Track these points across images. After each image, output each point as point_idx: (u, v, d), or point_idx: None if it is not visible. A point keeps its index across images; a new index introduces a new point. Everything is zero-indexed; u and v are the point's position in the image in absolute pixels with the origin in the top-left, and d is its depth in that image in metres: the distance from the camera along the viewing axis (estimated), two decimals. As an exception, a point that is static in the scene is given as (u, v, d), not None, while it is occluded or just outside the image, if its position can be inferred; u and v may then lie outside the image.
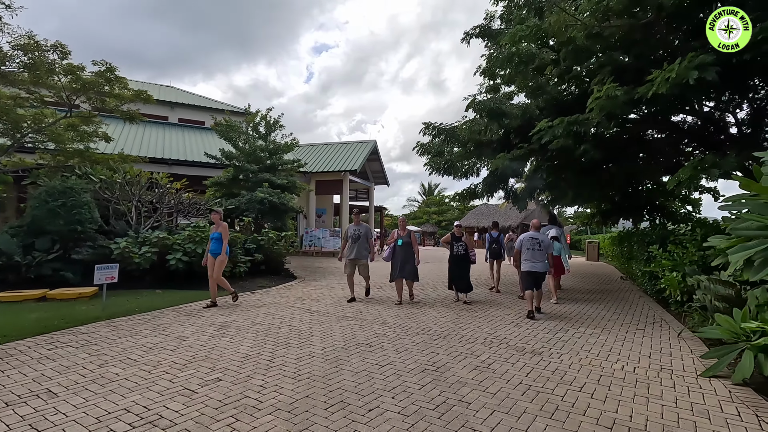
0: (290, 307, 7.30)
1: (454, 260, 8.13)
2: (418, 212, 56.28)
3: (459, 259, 8.08)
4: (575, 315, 6.93)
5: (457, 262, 8.08)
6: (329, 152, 22.42)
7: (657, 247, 7.47)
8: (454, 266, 8.16)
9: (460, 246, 8.07)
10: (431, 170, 10.49)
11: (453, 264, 8.17)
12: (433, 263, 17.71)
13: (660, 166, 11.53)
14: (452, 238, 8.19)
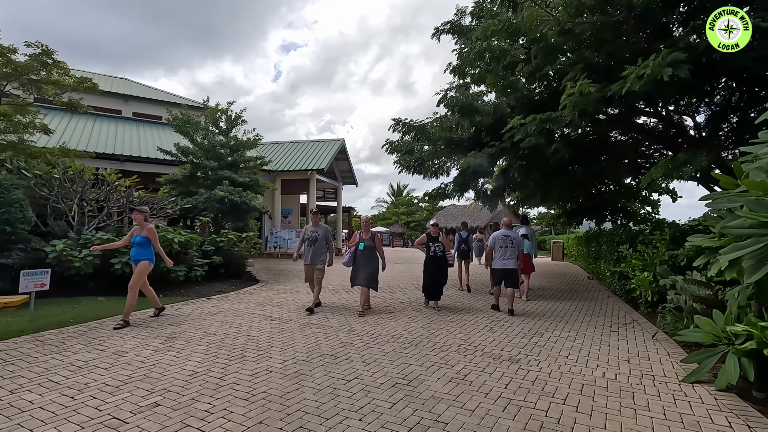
0: (250, 314, 6.73)
1: (430, 263, 7.38)
2: (386, 213, 56.06)
3: (436, 262, 7.34)
4: (549, 317, 6.75)
5: (434, 265, 7.35)
6: (296, 151, 21.71)
7: (627, 247, 7.42)
8: (430, 269, 7.38)
9: (437, 247, 7.35)
10: (401, 168, 10.15)
11: (429, 267, 7.39)
12: (403, 264, 17.43)
13: (623, 168, 11.73)
14: (428, 238, 7.47)
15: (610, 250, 8.38)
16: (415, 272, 13.71)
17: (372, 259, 6.96)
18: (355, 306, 7.43)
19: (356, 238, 7.14)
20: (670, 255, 6.61)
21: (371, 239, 7.01)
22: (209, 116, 12.42)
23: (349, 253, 7.17)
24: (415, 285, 10.46)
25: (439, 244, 7.36)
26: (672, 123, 10.11)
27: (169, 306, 7.15)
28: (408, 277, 12.25)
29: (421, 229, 48.64)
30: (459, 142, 9.91)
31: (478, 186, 11.02)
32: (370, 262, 6.90)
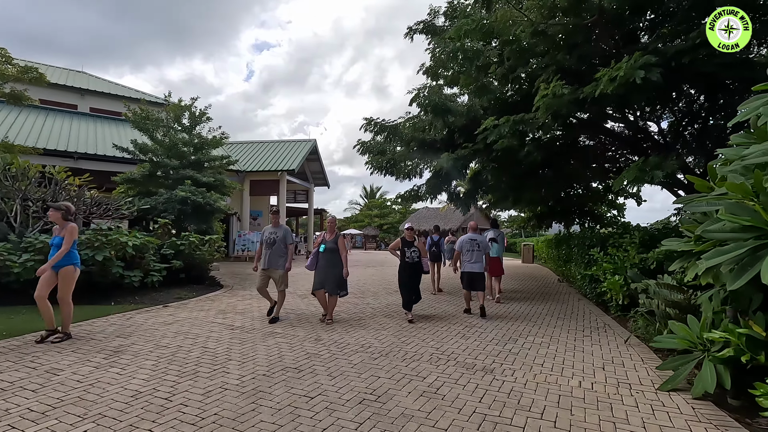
0: (209, 322, 6.28)
1: (406, 270, 6.77)
2: (359, 215, 55.71)
3: (412, 269, 6.77)
4: (522, 321, 6.62)
5: (409, 272, 6.76)
6: (265, 150, 21.09)
7: (598, 250, 7.42)
8: (405, 277, 6.77)
9: (413, 252, 6.77)
10: (372, 169, 9.89)
11: (405, 274, 6.77)
12: (375, 268, 17.14)
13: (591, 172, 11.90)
14: (403, 243, 6.86)
15: (581, 253, 8.39)
16: (388, 276, 13.47)
17: (336, 262, 6.33)
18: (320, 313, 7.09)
19: (319, 240, 6.51)
20: (640, 258, 6.62)
21: (334, 241, 6.37)
22: (171, 112, 11.77)
23: (311, 255, 6.52)
24: (387, 289, 10.20)
25: (415, 249, 6.81)
26: (638, 128, 10.31)
27: (119, 315, 6.59)
28: (380, 281, 11.98)
29: (394, 232, 48.56)
30: (432, 144, 9.74)
31: (451, 188, 10.89)
32: (333, 266, 6.28)
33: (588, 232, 10.49)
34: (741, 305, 3.65)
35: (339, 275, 6.30)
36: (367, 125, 9.35)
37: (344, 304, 8.04)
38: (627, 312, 6.82)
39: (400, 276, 6.86)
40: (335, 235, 6.43)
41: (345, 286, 6.47)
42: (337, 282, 6.30)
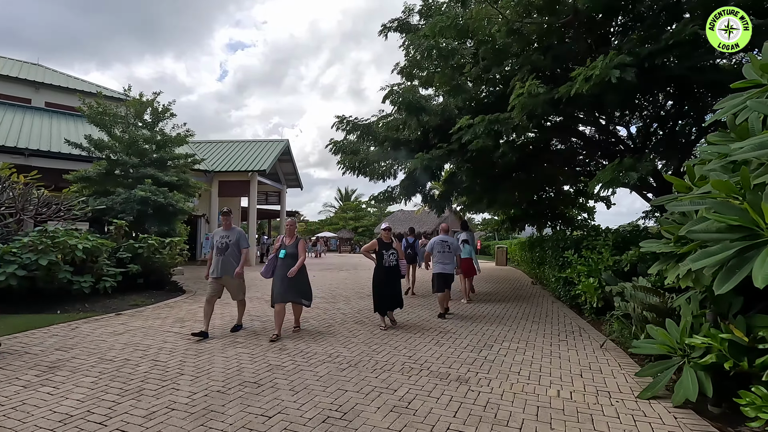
0: (164, 332, 5.80)
1: (382, 274, 6.21)
2: (334, 218, 55.14)
3: (389, 273, 6.21)
4: (496, 324, 6.44)
5: (387, 277, 6.20)
6: (236, 150, 20.40)
7: (572, 252, 7.35)
8: (382, 282, 6.20)
9: (391, 255, 6.22)
10: (345, 169, 9.57)
11: (381, 279, 6.21)
12: (348, 271, 16.77)
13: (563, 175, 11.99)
14: (379, 245, 6.30)
15: (555, 255, 8.33)
16: (361, 279, 13.14)
17: (299, 270, 5.71)
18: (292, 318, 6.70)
19: (277, 245, 5.87)
20: (614, 261, 6.56)
21: (295, 246, 5.75)
22: (132, 108, 11.09)
23: (268, 261, 5.85)
24: (359, 293, 9.88)
25: (393, 252, 6.26)
26: (609, 132, 10.41)
27: (64, 325, 6.02)
28: (352, 285, 11.63)
29: (369, 235, 48.24)
30: (406, 143, 9.52)
31: (425, 190, 10.69)
32: (296, 274, 5.64)
33: (561, 234, 10.50)
34: (720, 308, 3.54)
35: (302, 282, 5.78)
36: (339, 123, 9.03)
37: (313, 310, 7.67)
38: (601, 315, 6.75)
39: (376, 280, 6.30)
40: (295, 240, 5.83)
41: (309, 295, 5.90)
42: (301, 290, 5.76)
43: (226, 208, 6.08)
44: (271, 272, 5.75)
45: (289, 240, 5.83)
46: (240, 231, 5.99)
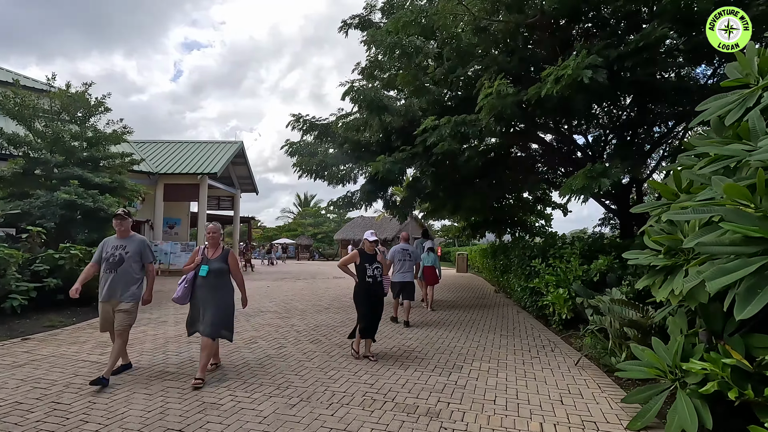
0: (78, 361, 4.86)
1: (366, 292, 5.09)
2: (292, 224, 53.69)
3: (374, 292, 5.13)
4: (463, 339, 5.97)
5: (370, 297, 5.10)
6: (184, 152, 19.03)
7: (540, 261, 7.06)
8: (367, 302, 5.09)
9: (376, 269, 5.15)
10: (301, 172, 8.88)
11: (365, 298, 5.10)
12: (305, 281, 15.91)
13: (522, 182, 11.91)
14: (362, 257, 5.19)
15: (521, 264, 8.05)
16: (318, 290, 12.39)
17: (222, 290, 4.38)
18: (247, 336, 5.92)
19: (196, 258, 4.41)
20: (582, 270, 6.31)
21: (222, 259, 4.39)
22: (57, 100, 9.80)
23: (183, 282, 4.36)
24: (316, 307, 9.16)
25: (378, 266, 5.20)
26: (569, 140, 10.39)
27: (-53, 356, 4.91)
28: (309, 297, 10.88)
29: (328, 242, 47.24)
30: (367, 146, 8.98)
31: (387, 195, 10.19)
32: (218, 296, 4.31)
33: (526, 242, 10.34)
34: (713, 326, 3.23)
35: (225, 308, 4.35)
36: (295, 122, 8.34)
37: (265, 327, 6.91)
38: (571, 328, 6.48)
39: (359, 300, 5.14)
40: (222, 251, 4.44)
41: (231, 326, 4.48)
42: (220, 318, 4.27)
43: (120, 210, 4.54)
44: (189, 296, 4.37)
45: (213, 251, 4.43)
46: (141, 240, 4.46)
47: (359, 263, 5.18)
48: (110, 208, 9.12)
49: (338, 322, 7.40)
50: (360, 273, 5.16)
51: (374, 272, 5.14)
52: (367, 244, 5.21)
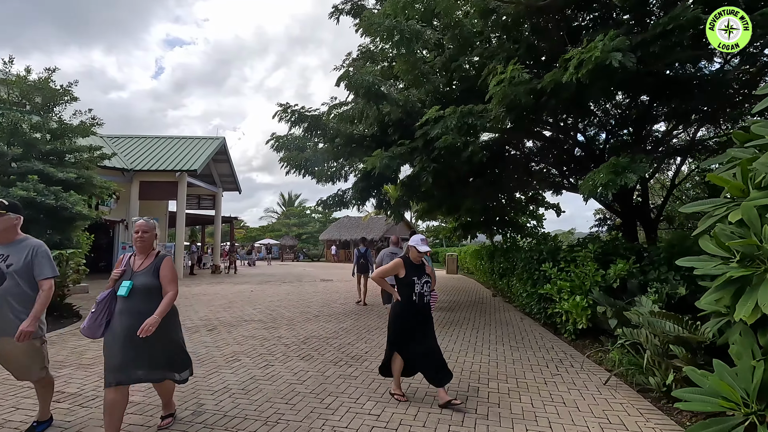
0: (18, 387, 4.06)
1: (411, 314, 3.84)
2: (276, 224, 52.62)
3: (422, 314, 3.89)
4: (472, 352, 5.37)
5: (418, 320, 3.85)
6: (161, 147, 18.01)
7: (551, 265, 6.51)
8: (412, 328, 3.83)
9: (425, 284, 3.88)
10: (289, 168, 8.15)
11: (410, 323, 3.84)
12: (291, 284, 15.10)
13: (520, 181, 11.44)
14: (407, 267, 3.91)
15: (528, 268, 7.50)
16: (306, 294, 11.66)
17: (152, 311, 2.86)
18: (229, 352, 5.17)
19: (117, 271, 3.07)
20: (600, 275, 5.78)
21: (151, 271, 3.01)
22: (15, 87, 8.83)
23: (97, 304, 2.96)
24: (305, 314, 8.44)
25: (428, 280, 3.93)
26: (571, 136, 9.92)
27: None
28: (297, 302, 10.14)
29: (313, 242, 46.34)
30: (360, 140, 8.32)
31: (381, 194, 9.54)
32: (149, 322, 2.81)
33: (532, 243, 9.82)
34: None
35: (167, 341, 3.02)
36: (282, 112, 7.61)
37: (248, 340, 6.18)
38: (585, 337, 5.95)
39: (400, 325, 3.84)
40: (154, 260, 3.06)
41: (185, 360, 3.18)
42: (166, 355, 3.02)
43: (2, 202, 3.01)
44: (105, 326, 2.93)
45: (142, 260, 3.07)
46: (34, 246, 3.01)
47: (404, 276, 3.85)
48: (75, 207, 8.23)
49: (330, 332, 6.72)
50: (404, 289, 3.85)
51: (423, 288, 3.82)
52: (415, 253, 3.88)
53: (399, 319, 3.85)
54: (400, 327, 3.83)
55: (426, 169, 6.64)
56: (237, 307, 9.30)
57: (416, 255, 3.91)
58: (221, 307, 9.15)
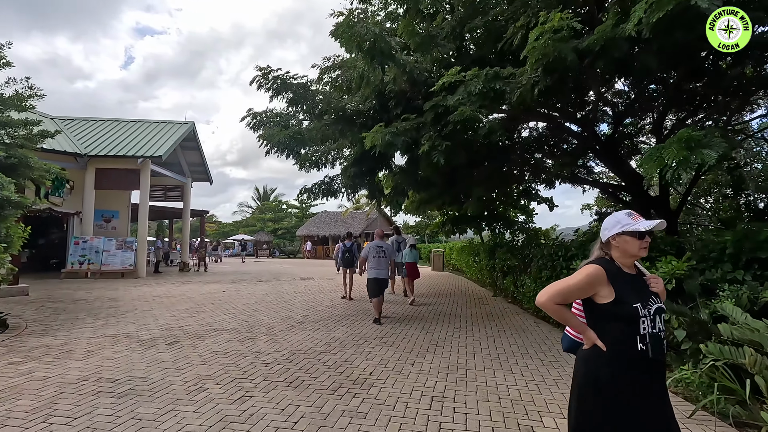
0: None
1: (638, 389, 1.70)
2: (251, 219, 50.57)
3: (656, 380, 1.75)
4: (498, 367, 4.31)
5: (650, 403, 1.71)
6: (122, 131, 16.22)
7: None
8: (635, 417, 1.68)
9: (658, 315, 1.76)
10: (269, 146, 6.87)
11: (633, 409, 1.69)
12: (268, 283, 13.73)
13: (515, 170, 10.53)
14: (614, 279, 1.78)
15: (551, 266, 6.48)
16: (285, 296, 10.37)
17: None
18: (191, 378, 3.91)
19: None
20: (650, 275, 4.81)
21: None
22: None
23: None
24: (287, 321, 7.20)
25: (662, 307, 1.81)
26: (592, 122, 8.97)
27: None
28: (276, 306, 8.86)
29: (290, 238, 44.69)
30: (353, 118, 7.09)
31: (374, 181, 8.37)
32: None
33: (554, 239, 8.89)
34: None
35: None
36: (262, 78, 6.30)
37: (218, 358, 4.91)
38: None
39: (601, 412, 1.73)
40: None
41: None
42: None
43: None
44: None
45: None
46: None
47: (612, 301, 1.76)
48: (2, 191, 6.69)
49: (321, 345, 5.53)
50: (614, 329, 1.76)
51: (656, 325, 1.74)
52: (631, 246, 1.81)
53: (605, 403, 1.73)
54: (606, 418, 1.73)
55: (437, 147, 5.50)
56: (206, 311, 7.96)
57: (634, 249, 1.81)
58: (187, 312, 7.79)
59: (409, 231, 43.72)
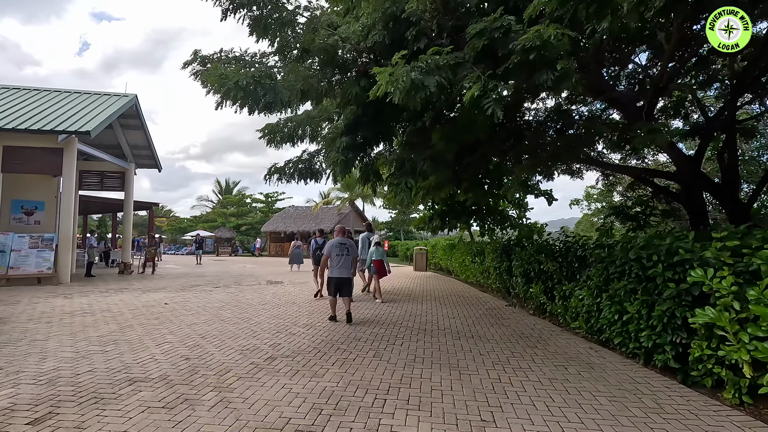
0: None
1: None
2: (211, 214, 47.04)
3: None
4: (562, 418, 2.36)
5: None
6: (39, 102, 13.19)
7: (707, 274, 3.64)
8: None
9: None
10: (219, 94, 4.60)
11: None
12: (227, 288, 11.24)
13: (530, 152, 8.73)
14: None
15: (632, 273, 4.57)
16: (250, 309, 7.98)
17: None
18: None
19: None
20: None
21: None
22: None
23: None
24: (256, 354, 4.93)
25: None
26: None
27: None
28: (235, 327, 6.54)
29: (254, 234, 41.66)
30: (346, 63, 4.91)
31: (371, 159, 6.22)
32: None
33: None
34: None
35: None
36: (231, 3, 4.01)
37: (150, 416, 2.63)
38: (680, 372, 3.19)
39: None
40: None
41: None
42: None
43: None
44: None
45: None
46: None
47: None
48: None
49: (309, 415, 3.35)
50: None
51: None
52: None
53: None
54: None
55: (494, 90, 3.45)
56: (129, 341, 5.57)
57: None
58: (99, 343, 5.37)
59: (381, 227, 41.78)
